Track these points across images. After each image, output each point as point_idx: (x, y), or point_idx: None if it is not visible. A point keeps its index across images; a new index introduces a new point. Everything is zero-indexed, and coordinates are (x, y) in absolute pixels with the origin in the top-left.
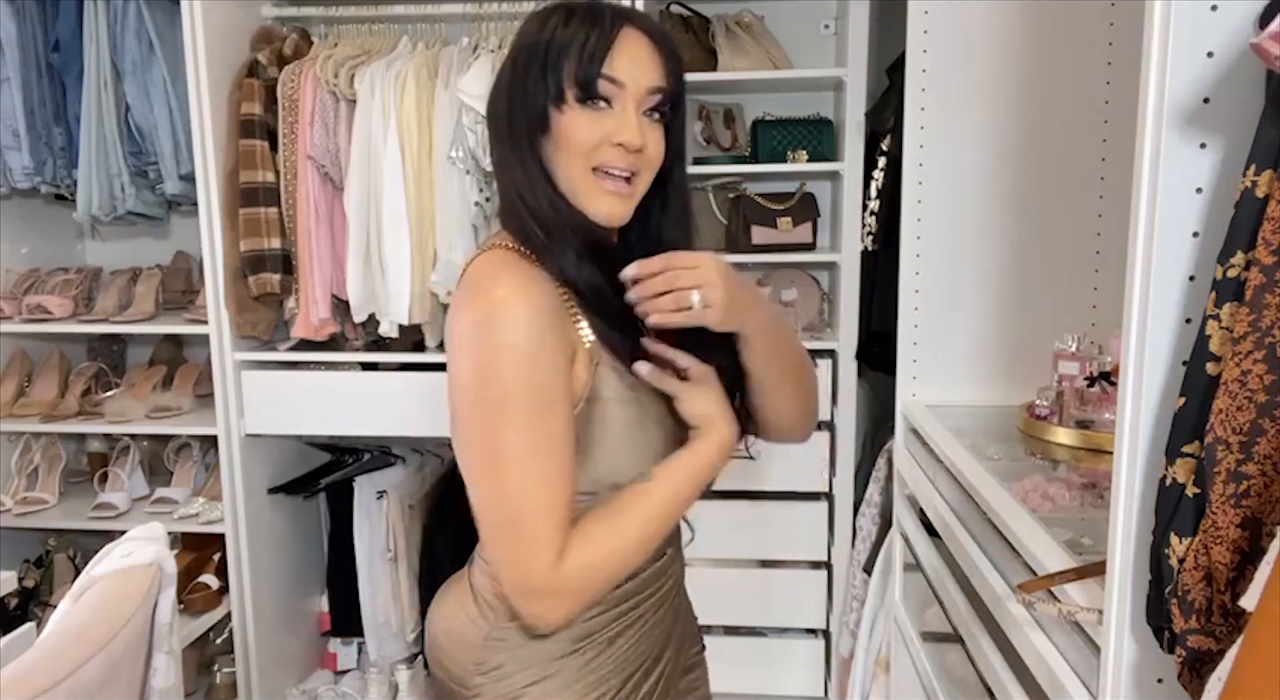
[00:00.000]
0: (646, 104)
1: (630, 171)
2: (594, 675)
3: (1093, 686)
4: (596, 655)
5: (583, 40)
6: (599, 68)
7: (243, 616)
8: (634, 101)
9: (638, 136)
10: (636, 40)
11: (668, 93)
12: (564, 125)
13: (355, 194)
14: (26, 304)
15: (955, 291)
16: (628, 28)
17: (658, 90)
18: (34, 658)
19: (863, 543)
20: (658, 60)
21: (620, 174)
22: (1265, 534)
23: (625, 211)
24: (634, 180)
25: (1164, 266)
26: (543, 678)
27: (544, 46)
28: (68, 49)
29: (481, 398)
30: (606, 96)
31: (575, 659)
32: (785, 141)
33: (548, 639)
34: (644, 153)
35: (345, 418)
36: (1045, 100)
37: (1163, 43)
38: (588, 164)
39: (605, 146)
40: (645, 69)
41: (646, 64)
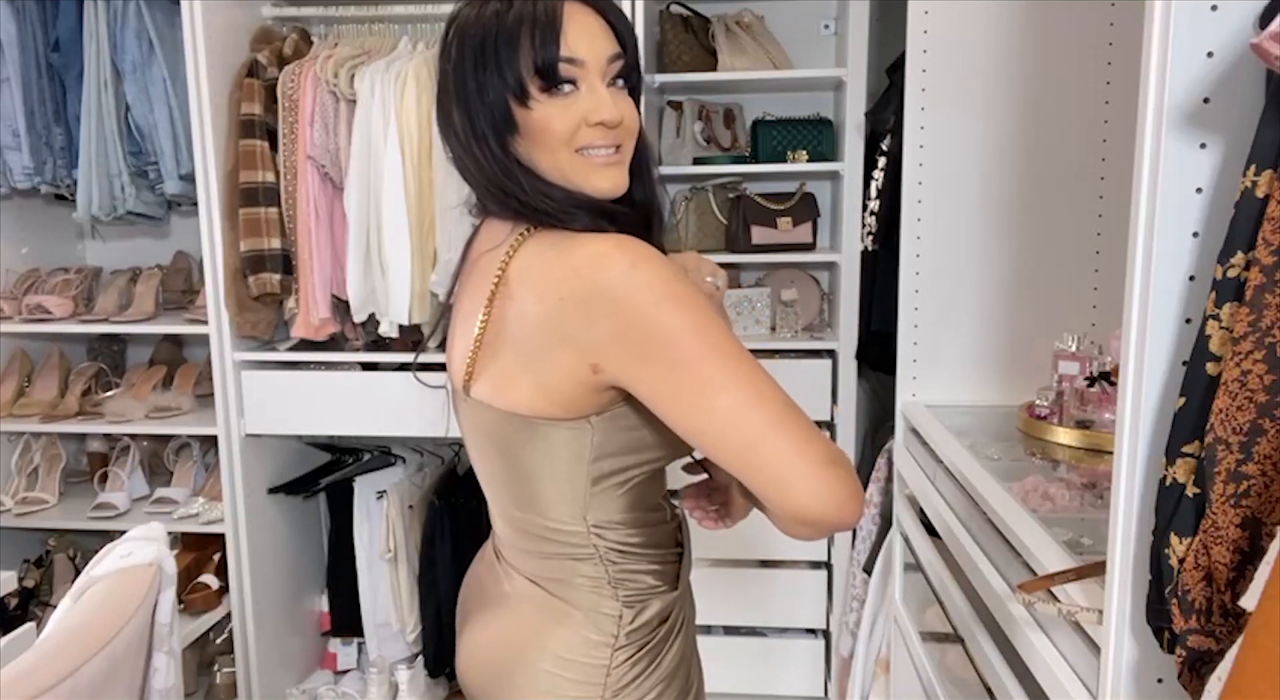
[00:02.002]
0: (609, 73)
1: (615, 145)
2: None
3: (1093, 686)
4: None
5: (530, 25)
6: (556, 51)
7: (243, 616)
8: (599, 76)
9: (614, 111)
10: (581, 11)
11: (628, 58)
12: (535, 120)
13: (355, 194)
14: (26, 304)
15: (955, 291)
16: (568, 2)
17: (617, 57)
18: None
19: (863, 543)
20: (606, 27)
21: (605, 151)
22: (1265, 534)
23: (622, 179)
24: (620, 150)
25: (1164, 266)
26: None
27: (490, 41)
28: (68, 49)
29: (706, 341)
30: (570, 78)
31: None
32: (785, 141)
33: (667, 645)
34: (624, 124)
35: (345, 418)
36: (1045, 100)
37: (1163, 43)
38: (571, 149)
39: (584, 129)
40: (599, 39)
41: (599, 34)
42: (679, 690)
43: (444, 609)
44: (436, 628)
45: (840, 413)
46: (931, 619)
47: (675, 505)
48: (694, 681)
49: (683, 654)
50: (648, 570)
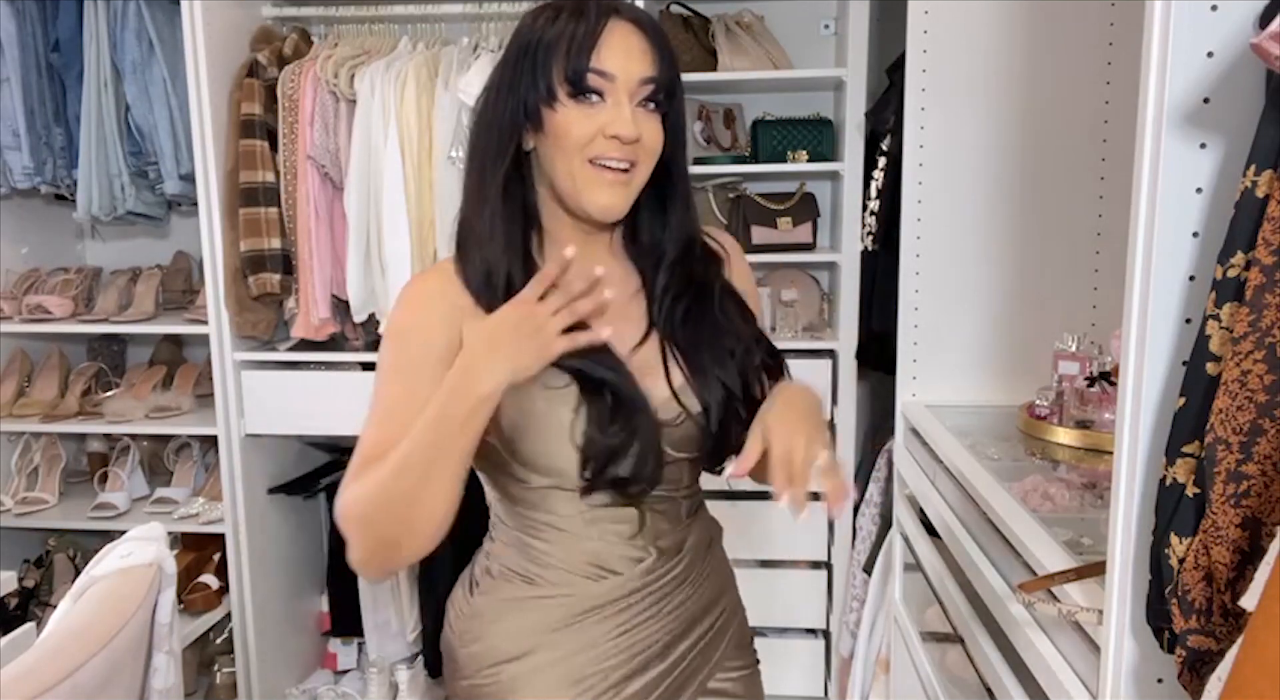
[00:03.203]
0: (640, 95)
1: (628, 162)
2: (572, 659)
3: (1093, 686)
4: (570, 635)
5: (569, 36)
6: (586, 62)
7: (243, 616)
8: (626, 93)
9: (632, 127)
10: (624, 31)
11: (660, 82)
12: (557, 122)
13: (355, 194)
14: (26, 304)
15: (955, 291)
16: (614, 20)
17: (649, 80)
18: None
19: (863, 543)
20: (647, 50)
21: (617, 165)
22: (1265, 534)
23: (623, 202)
24: (632, 170)
25: (1164, 266)
26: (523, 653)
27: (533, 46)
28: (68, 49)
29: (381, 370)
30: (597, 90)
31: (556, 635)
32: (785, 141)
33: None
34: (640, 143)
35: (345, 418)
36: (1045, 100)
37: (1163, 43)
38: (584, 157)
39: (600, 139)
40: (635, 60)
41: (636, 55)
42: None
43: (444, 609)
44: (436, 628)
45: (840, 413)
46: (931, 619)
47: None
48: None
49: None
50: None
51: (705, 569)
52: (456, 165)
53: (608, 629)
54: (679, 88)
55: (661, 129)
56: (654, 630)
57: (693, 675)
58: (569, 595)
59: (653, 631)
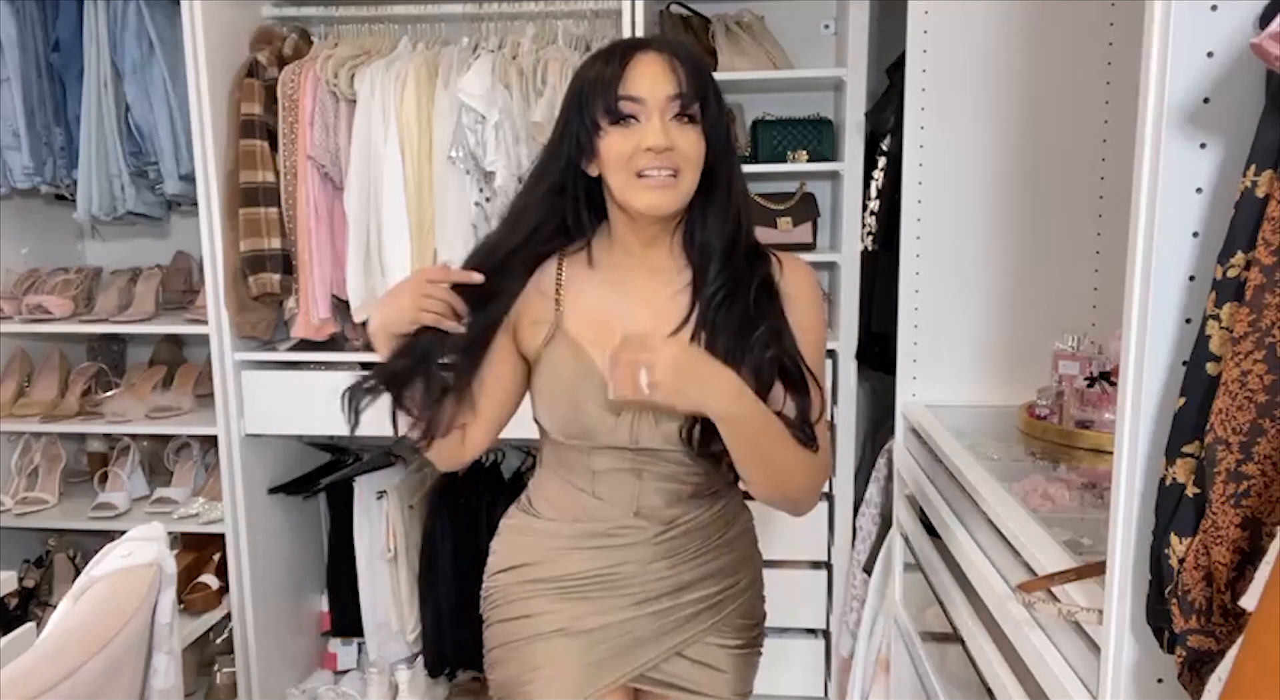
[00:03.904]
0: (671, 110)
1: (670, 169)
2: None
3: (1093, 686)
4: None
5: (606, 75)
6: (617, 91)
7: (243, 616)
8: (658, 111)
9: (662, 137)
10: (651, 59)
11: (688, 94)
12: (604, 146)
13: (355, 194)
14: (26, 304)
15: (955, 291)
16: (642, 53)
17: (677, 96)
18: (34, 658)
19: (863, 543)
20: (673, 71)
21: (658, 173)
22: (1265, 534)
23: (669, 201)
24: (677, 176)
25: (1164, 266)
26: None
27: (581, 89)
28: (68, 49)
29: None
30: (631, 113)
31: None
32: (785, 141)
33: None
34: (676, 150)
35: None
36: (1045, 100)
37: (1163, 43)
38: (630, 171)
39: (639, 154)
40: (661, 81)
41: (662, 77)
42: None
43: (444, 609)
44: (436, 628)
45: (840, 413)
46: (931, 619)
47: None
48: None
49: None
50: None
51: (706, 548)
52: (456, 165)
53: (587, 566)
54: (713, 100)
55: (700, 138)
56: (634, 582)
57: (666, 633)
58: (557, 533)
59: (632, 583)
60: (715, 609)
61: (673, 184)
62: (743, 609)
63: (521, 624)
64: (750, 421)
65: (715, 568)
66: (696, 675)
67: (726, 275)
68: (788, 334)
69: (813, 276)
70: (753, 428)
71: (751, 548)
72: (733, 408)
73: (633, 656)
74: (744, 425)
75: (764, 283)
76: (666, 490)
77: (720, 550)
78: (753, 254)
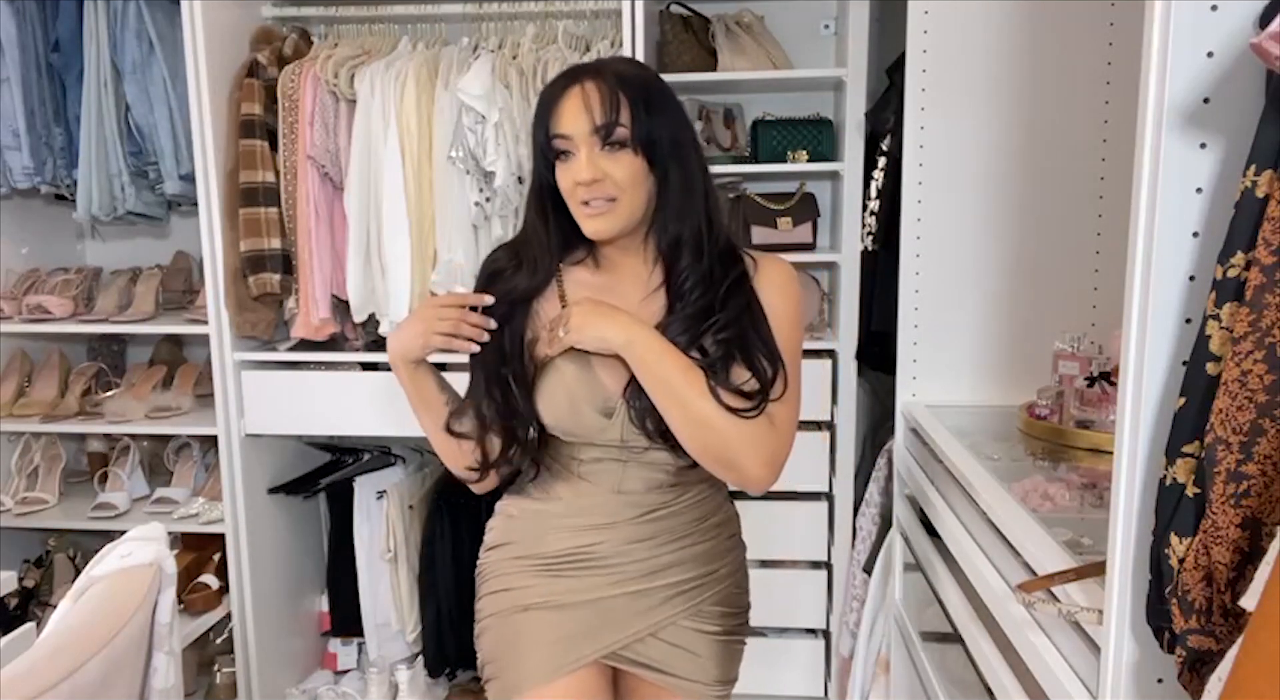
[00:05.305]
0: (596, 142)
1: (606, 197)
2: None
3: (1093, 686)
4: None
5: (542, 115)
6: (549, 131)
7: (243, 616)
8: (585, 145)
9: (586, 172)
10: (574, 95)
11: (608, 124)
12: (557, 178)
13: (355, 194)
14: (26, 304)
15: (955, 291)
16: (574, 86)
17: (598, 128)
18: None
19: (863, 543)
20: (599, 102)
21: (594, 202)
22: (1265, 534)
23: (609, 227)
24: (616, 200)
25: (1164, 266)
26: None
27: (532, 126)
28: (68, 49)
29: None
30: (566, 150)
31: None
32: (785, 141)
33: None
34: (607, 179)
35: (345, 418)
36: (1045, 100)
37: (1163, 43)
38: (575, 201)
39: (576, 188)
40: (582, 117)
41: (583, 112)
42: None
43: (444, 609)
44: (436, 628)
45: (840, 413)
46: (931, 619)
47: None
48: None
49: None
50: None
51: (685, 534)
52: (456, 165)
53: (568, 544)
54: (653, 114)
55: (634, 159)
56: (612, 562)
57: (641, 614)
58: (543, 513)
59: (610, 562)
60: (691, 594)
61: (611, 209)
62: (720, 597)
63: (505, 597)
64: (649, 353)
65: (692, 554)
66: (673, 658)
67: (698, 274)
68: (752, 323)
69: (788, 271)
70: (653, 360)
71: (732, 540)
72: (625, 335)
73: (608, 633)
74: (644, 356)
75: (736, 281)
76: (649, 478)
77: (698, 537)
78: (727, 255)
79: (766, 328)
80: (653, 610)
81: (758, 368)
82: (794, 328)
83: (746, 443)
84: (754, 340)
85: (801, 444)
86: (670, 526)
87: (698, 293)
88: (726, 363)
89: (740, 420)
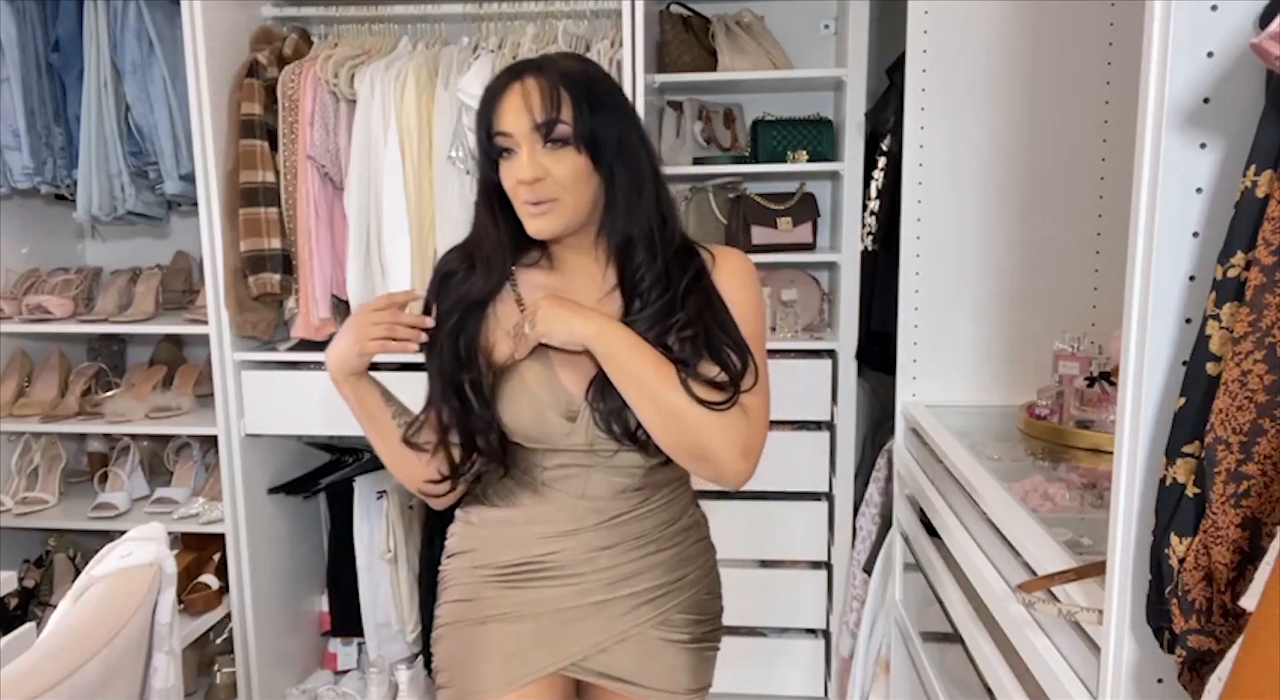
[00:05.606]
0: (537, 140)
1: (547, 197)
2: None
3: (1093, 686)
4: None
5: (483, 111)
6: (490, 129)
7: (243, 616)
8: (525, 143)
9: (527, 170)
10: (515, 92)
11: (548, 122)
12: (501, 178)
13: (355, 194)
14: (26, 304)
15: (955, 291)
16: (514, 83)
17: (538, 125)
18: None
19: (863, 543)
20: (540, 99)
21: (535, 202)
22: (1265, 534)
23: (551, 226)
24: (555, 202)
25: (1164, 266)
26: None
27: (476, 126)
28: (68, 49)
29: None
30: (507, 147)
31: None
32: (785, 141)
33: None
34: (549, 178)
35: (345, 418)
36: (1045, 100)
37: (1163, 43)
38: (519, 201)
39: (519, 187)
40: (526, 112)
41: (523, 110)
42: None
43: None
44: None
45: (840, 413)
46: (931, 619)
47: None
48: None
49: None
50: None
51: (651, 539)
52: (456, 165)
53: (529, 552)
54: (596, 110)
55: (577, 158)
56: (574, 572)
57: (604, 625)
58: (504, 521)
59: (572, 572)
60: (658, 602)
61: (553, 209)
62: (689, 604)
63: (464, 607)
64: (620, 345)
65: (658, 560)
66: (640, 668)
67: (653, 273)
68: (715, 318)
69: (746, 263)
70: (624, 353)
71: (701, 544)
72: (594, 327)
73: (567, 646)
74: (615, 349)
75: (695, 277)
76: (614, 482)
77: (664, 543)
78: (683, 252)
79: (730, 321)
80: (616, 621)
81: (726, 361)
82: (757, 319)
83: (721, 435)
84: (719, 335)
85: (801, 444)
86: (635, 532)
87: (655, 292)
88: (695, 359)
89: (714, 413)
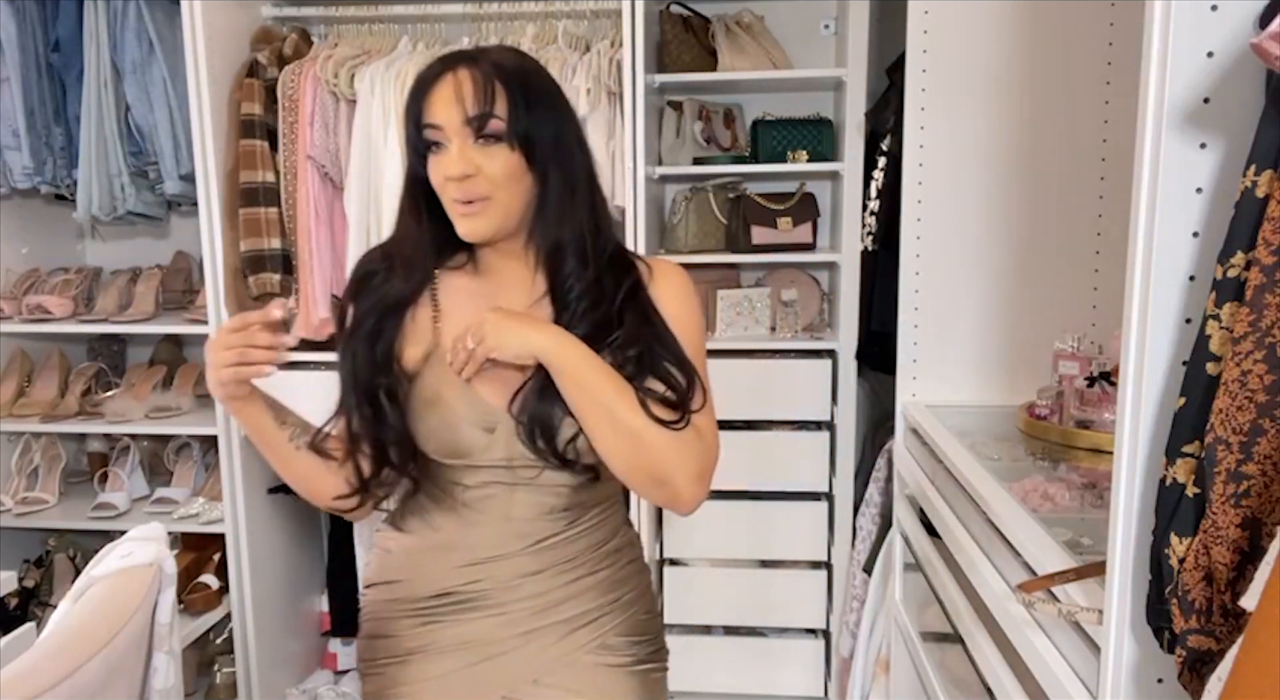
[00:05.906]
0: (469, 134)
1: (479, 195)
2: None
3: (1093, 686)
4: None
5: (412, 102)
6: (420, 120)
7: (243, 616)
8: (457, 137)
9: (457, 166)
10: (448, 82)
11: (482, 116)
12: (429, 172)
13: (355, 194)
14: (26, 304)
15: (955, 291)
16: (448, 74)
17: (471, 119)
18: (34, 658)
19: (863, 543)
20: (473, 91)
21: (464, 200)
22: (1265, 534)
23: (482, 228)
24: (486, 201)
25: (1164, 266)
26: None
27: (404, 114)
28: (68, 49)
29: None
30: (437, 140)
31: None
32: (785, 141)
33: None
34: (480, 175)
35: None
36: (1045, 100)
37: (1163, 43)
38: (449, 199)
39: (448, 184)
40: (458, 105)
41: (456, 101)
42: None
43: None
44: None
45: (840, 413)
46: (931, 619)
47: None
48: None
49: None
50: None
51: (581, 562)
52: None
53: (451, 583)
54: (523, 114)
55: (510, 155)
56: (500, 601)
57: (535, 655)
58: (423, 548)
59: (497, 601)
60: (593, 627)
61: (483, 209)
62: (627, 626)
63: (381, 644)
64: (576, 360)
65: (590, 584)
66: (581, 698)
67: (584, 282)
68: (655, 335)
69: (682, 275)
70: (581, 368)
71: (634, 565)
72: (551, 340)
73: (496, 681)
74: (571, 364)
75: (631, 291)
76: (539, 503)
77: (594, 565)
78: (617, 261)
79: (670, 336)
80: (547, 650)
81: (672, 381)
82: (698, 333)
83: (677, 457)
84: (659, 351)
85: (801, 444)
86: (564, 555)
87: (586, 303)
88: (640, 378)
89: (671, 433)
